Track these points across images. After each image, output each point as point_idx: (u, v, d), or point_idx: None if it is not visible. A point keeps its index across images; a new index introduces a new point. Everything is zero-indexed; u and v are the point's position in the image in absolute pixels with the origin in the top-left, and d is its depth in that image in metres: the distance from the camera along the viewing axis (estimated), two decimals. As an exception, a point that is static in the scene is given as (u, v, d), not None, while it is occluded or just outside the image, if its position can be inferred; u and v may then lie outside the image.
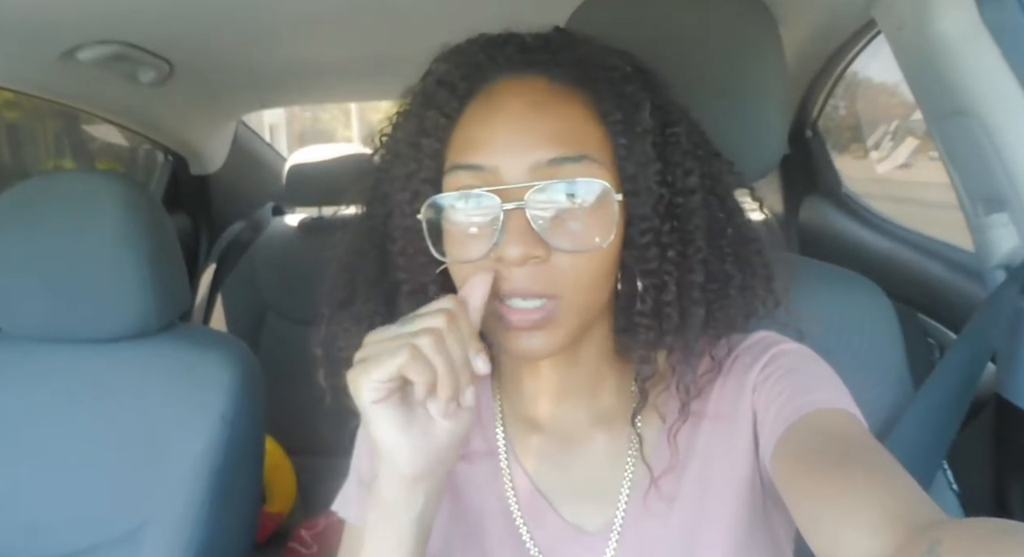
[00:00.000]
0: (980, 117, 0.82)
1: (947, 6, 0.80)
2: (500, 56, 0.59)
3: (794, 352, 0.62)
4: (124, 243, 1.00)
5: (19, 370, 1.06)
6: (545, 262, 0.54)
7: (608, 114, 0.57)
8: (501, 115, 0.56)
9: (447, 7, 1.18)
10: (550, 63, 0.58)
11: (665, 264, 0.58)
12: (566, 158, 0.54)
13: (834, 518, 0.45)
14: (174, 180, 2.11)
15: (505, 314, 0.55)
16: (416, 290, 0.62)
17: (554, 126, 0.55)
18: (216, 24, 1.22)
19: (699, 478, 0.61)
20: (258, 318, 2.10)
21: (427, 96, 0.59)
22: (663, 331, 0.59)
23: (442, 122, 0.58)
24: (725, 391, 0.62)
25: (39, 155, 2.85)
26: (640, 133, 0.57)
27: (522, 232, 0.53)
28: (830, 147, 1.71)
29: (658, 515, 0.61)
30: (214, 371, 1.02)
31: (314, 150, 2.35)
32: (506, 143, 0.55)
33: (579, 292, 0.55)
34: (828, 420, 0.54)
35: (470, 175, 0.55)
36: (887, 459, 0.49)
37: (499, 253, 0.53)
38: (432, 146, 0.58)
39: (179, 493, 0.97)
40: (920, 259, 1.25)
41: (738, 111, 0.78)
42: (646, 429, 0.63)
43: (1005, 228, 0.86)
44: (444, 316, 0.51)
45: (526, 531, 0.64)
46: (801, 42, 1.29)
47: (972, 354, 0.82)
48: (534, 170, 0.54)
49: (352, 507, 0.71)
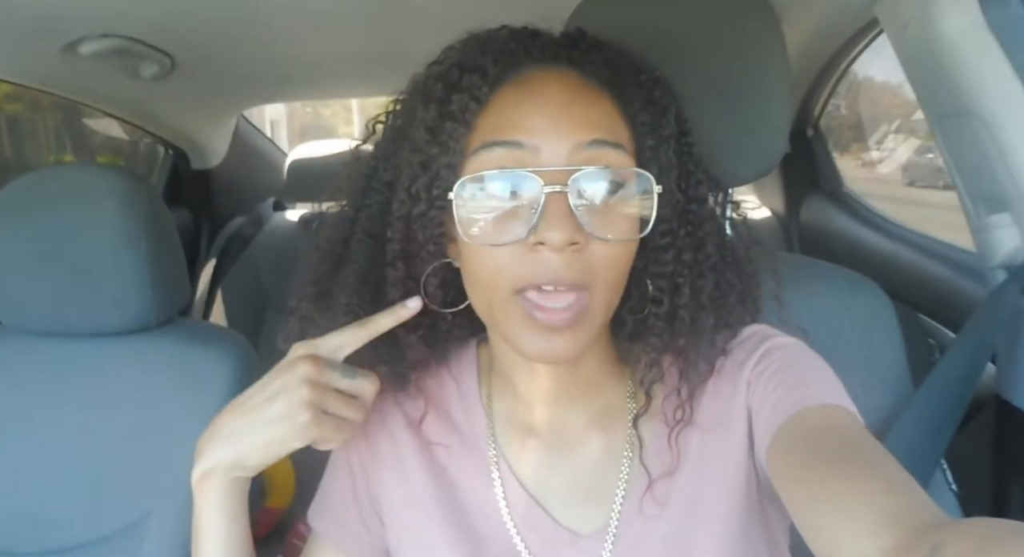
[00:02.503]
0: (983, 117, 0.82)
1: (951, 6, 0.80)
2: (532, 46, 0.59)
3: (788, 346, 0.62)
4: (124, 237, 1.00)
5: (19, 364, 1.06)
6: (582, 250, 0.53)
7: (636, 116, 0.57)
8: (539, 99, 0.55)
9: (449, 4, 1.17)
10: (581, 60, 0.58)
11: (680, 267, 0.59)
12: (606, 142, 0.54)
13: (833, 517, 0.45)
14: (175, 174, 2.10)
15: (532, 311, 0.54)
16: (407, 280, 0.61)
17: (592, 114, 0.55)
18: (218, 19, 1.21)
19: (692, 481, 0.61)
20: (258, 313, 2.10)
21: (450, 81, 0.57)
22: (675, 334, 0.59)
23: (471, 106, 0.56)
24: (718, 391, 0.62)
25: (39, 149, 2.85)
26: (666, 137, 0.58)
27: (564, 217, 0.52)
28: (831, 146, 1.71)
29: (652, 518, 0.61)
30: (214, 366, 1.02)
31: (315, 145, 2.35)
32: (546, 125, 0.54)
33: (608, 285, 0.55)
34: (824, 416, 0.54)
35: (507, 153, 0.54)
36: (885, 457, 0.49)
37: (539, 237, 0.52)
38: (457, 130, 0.56)
39: (179, 487, 0.97)
40: (921, 259, 1.25)
41: (740, 109, 0.78)
42: (646, 432, 0.63)
43: (1007, 228, 0.86)
44: (307, 364, 0.57)
45: (516, 533, 0.63)
46: (804, 41, 1.29)
47: (972, 354, 0.82)
48: (574, 152, 0.53)
49: (328, 524, 0.71)
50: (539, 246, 0.52)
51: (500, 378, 0.68)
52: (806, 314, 0.79)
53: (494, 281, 0.55)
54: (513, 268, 0.54)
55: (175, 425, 1.00)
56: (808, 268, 0.87)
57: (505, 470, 0.65)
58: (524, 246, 0.53)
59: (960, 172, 0.92)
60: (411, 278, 0.62)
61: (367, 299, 0.62)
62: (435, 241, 0.59)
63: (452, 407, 0.69)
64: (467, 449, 0.67)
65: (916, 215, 1.54)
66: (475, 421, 0.68)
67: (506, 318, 0.56)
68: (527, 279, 0.53)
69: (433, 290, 0.62)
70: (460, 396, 0.69)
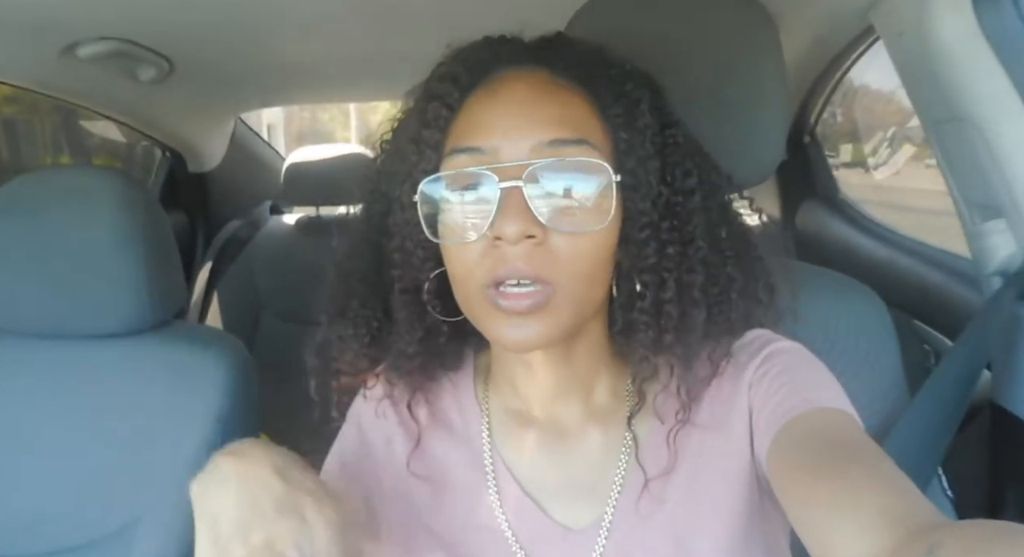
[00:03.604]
0: (977, 123, 0.82)
1: (945, 13, 0.80)
2: (503, 51, 0.60)
3: (790, 350, 0.62)
4: (120, 240, 0.99)
5: (12, 366, 1.06)
6: (542, 244, 0.54)
7: (608, 108, 0.58)
8: (502, 100, 0.56)
9: (447, 9, 1.18)
10: (552, 58, 0.59)
11: (664, 261, 0.58)
12: (566, 140, 0.54)
13: (830, 518, 0.45)
14: (171, 177, 2.10)
15: (497, 299, 0.55)
16: (409, 289, 0.63)
17: (555, 112, 0.55)
18: (217, 22, 1.22)
19: (690, 481, 0.61)
20: (254, 317, 2.10)
21: (429, 91, 0.60)
22: (662, 329, 0.59)
23: (444, 113, 0.58)
24: (720, 393, 0.62)
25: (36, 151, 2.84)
26: (640, 128, 0.58)
27: (519, 210, 0.53)
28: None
29: (648, 517, 0.61)
30: (209, 369, 1.02)
31: (313, 150, 2.35)
32: (506, 126, 0.55)
33: (574, 279, 0.55)
34: (824, 419, 0.54)
35: (469, 158, 0.55)
36: (884, 460, 0.49)
37: (495, 231, 0.53)
38: (433, 137, 0.59)
39: (172, 490, 0.97)
40: (916, 265, 1.25)
41: (737, 116, 0.78)
42: (641, 430, 0.63)
43: (1002, 235, 0.86)
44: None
45: (507, 527, 0.63)
46: (800, 48, 1.30)
47: (968, 361, 0.82)
48: (534, 151, 0.54)
49: None
50: (499, 241, 0.53)
51: (498, 377, 0.68)
52: (802, 320, 0.79)
53: (465, 279, 0.57)
54: (479, 265, 0.55)
55: (169, 428, 1.00)
56: (804, 274, 0.88)
57: (500, 465, 0.65)
58: (487, 242, 0.54)
59: (955, 178, 0.93)
60: (414, 287, 0.63)
61: (379, 309, 0.64)
62: (423, 246, 0.60)
63: (448, 407, 0.70)
64: (462, 447, 0.67)
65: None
66: (470, 420, 0.68)
67: (478, 311, 0.57)
68: (489, 274, 0.54)
69: (431, 299, 0.63)
70: (456, 397, 0.70)
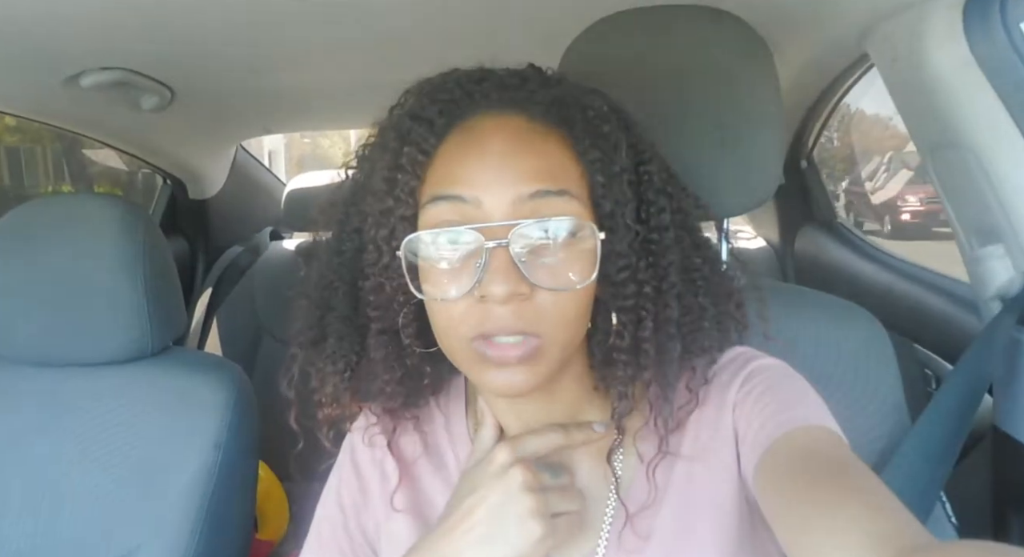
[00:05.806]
0: (973, 149, 0.83)
1: (939, 41, 0.81)
2: (477, 93, 0.59)
3: (773, 367, 0.62)
4: (121, 267, 1.00)
5: (12, 393, 1.05)
6: (528, 300, 0.53)
7: (586, 153, 0.57)
8: (482, 151, 0.55)
9: (446, 38, 1.19)
10: (528, 101, 0.58)
11: (642, 300, 0.58)
12: (548, 192, 0.54)
13: (817, 538, 0.44)
14: (172, 204, 2.11)
15: (485, 349, 0.54)
16: (386, 330, 0.62)
17: (535, 163, 0.55)
18: (218, 51, 1.23)
19: (678, 514, 0.60)
20: (254, 342, 2.09)
21: (401, 132, 0.59)
22: (640, 366, 0.59)
23: (419, 158, 0.57)
24: (703, 420, 0.62)
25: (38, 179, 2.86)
26: (617, 172, 0.58)
27: (506, 270, 0.52)
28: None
29: (635, 552, 0.60)
30: (208, 395, 1.01)
31: (313, 176, 2.36)
32: (488, 178, 0.54)
33: (561, 329, 0.55)
34: (810, 437, 0.54)
35: (450, 207, 0.55)
36: (871, 478, 0.49)
37: (482, 291, 0.53)
38: (409, 183, 0.57)
39: (171, 518, 0.96)
40: (916, 290, 1.25)
41: (735, 142, 0.79)
42: (625, 464, 0.63)
43: (1000, 260, 0.86)
44: (521, 472, 0.55)
45: None
46: (797, 74, 1.31)
47: (969, 385, 0.81)
48: (516, 204, 0.54)
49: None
50: (485, 298, 0.53)
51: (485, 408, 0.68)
52: (802, 344, 0.79)
53: (449, 330, 0.56)
54: (464, 320, 0.55)
55: (168, 454, 0.99)
56: (803, 298, 0.88)
57: None
58: (473, 298, 0.54)
59: (952, 204, 0.93)
60: (392, 329, 0.62)
61: (355, 345, 0.63)
62: (403, 291, 0.59)
63: (441, 442, 0.69)
64: (453, 479, 0.66)
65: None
66: (462, 455, 0.68)
67: (464, 360, 0.57)
68: (476, 330, 0.54)
69: (411, 333, 0.62)
70: (448, 429, 0.70)
